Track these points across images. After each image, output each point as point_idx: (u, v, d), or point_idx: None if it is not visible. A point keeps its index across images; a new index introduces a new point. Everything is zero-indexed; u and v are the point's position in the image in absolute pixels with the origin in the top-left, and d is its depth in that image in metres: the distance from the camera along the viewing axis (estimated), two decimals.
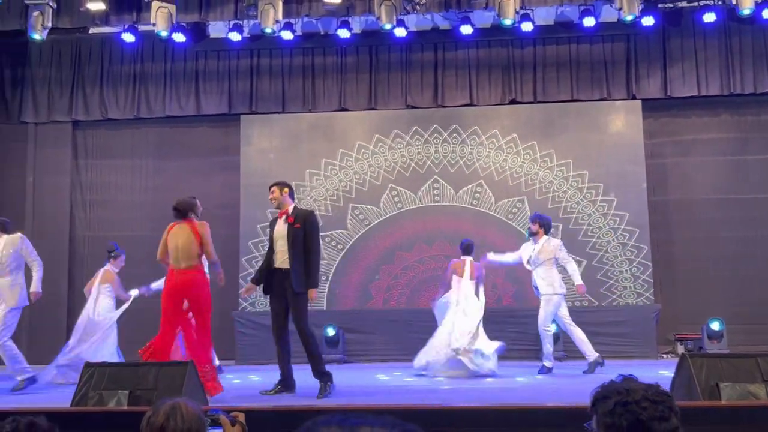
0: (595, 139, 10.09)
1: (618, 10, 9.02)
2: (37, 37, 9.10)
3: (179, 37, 9.73)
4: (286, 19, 9.39)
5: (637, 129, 9.96)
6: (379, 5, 9.00)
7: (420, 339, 7.96)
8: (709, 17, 9.42)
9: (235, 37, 9.84)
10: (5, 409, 4.78)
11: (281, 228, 6.13)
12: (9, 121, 10.71)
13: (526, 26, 9.38)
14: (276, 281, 6.10)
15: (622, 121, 10.10)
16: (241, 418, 2.52)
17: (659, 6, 9.53)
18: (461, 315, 7.48)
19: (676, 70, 9.95)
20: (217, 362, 7.65)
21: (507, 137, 10.13)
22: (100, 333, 7.51)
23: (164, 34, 9.16)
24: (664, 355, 9.47)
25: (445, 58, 10.31)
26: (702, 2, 9.66)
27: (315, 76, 10.43)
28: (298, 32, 9.95)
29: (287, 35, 9.64)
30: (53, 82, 10.64)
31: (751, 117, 10.08)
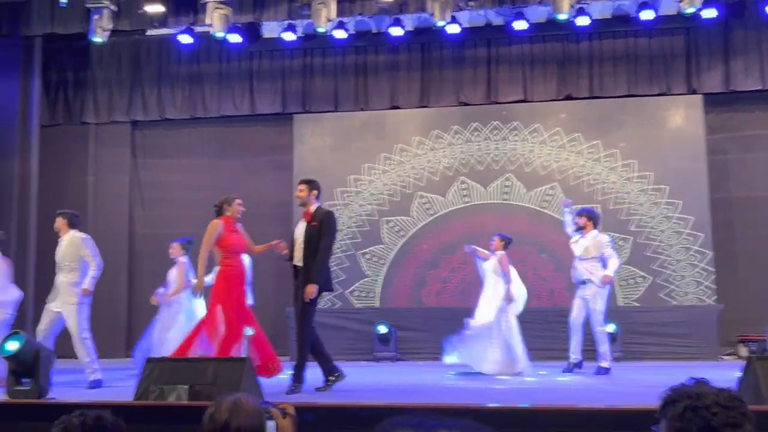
0: (654, 135, 9.86)
1: (678, 3, 8.78)
2: (98, 39, 9.34)
3: (234, 38, 9.87)
4: (339, 18, 9.43)
5: (697, 124, 9.69)
6: (433, 2, 8.96)
7: None
8: None
9: (288, 36, 9.92)
10: (70, 402, 4.92)
11: (301, 226, 6.23)
12: (71, 122, 11.03)
13: (582, 20, 9.21)
14: (295, 279, 6.21)
15: (681, 116, 9.84)
16: (291, 410, 2.52)
17: None
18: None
19: (739, 63, 9.64)
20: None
21: (562, 134, 9.97)
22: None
23: (220, 35, 9.30)
24: (725, 357, 9.20)
25: (498, 53, 10.21)
26: None
27: (367, 75, 10.46)
28: (351, 31, 9.98)
29: (340, 34, 9.68)
30: (113, 83, 10.93)
31: None
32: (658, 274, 9.50)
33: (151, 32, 10.47)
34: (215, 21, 9.08)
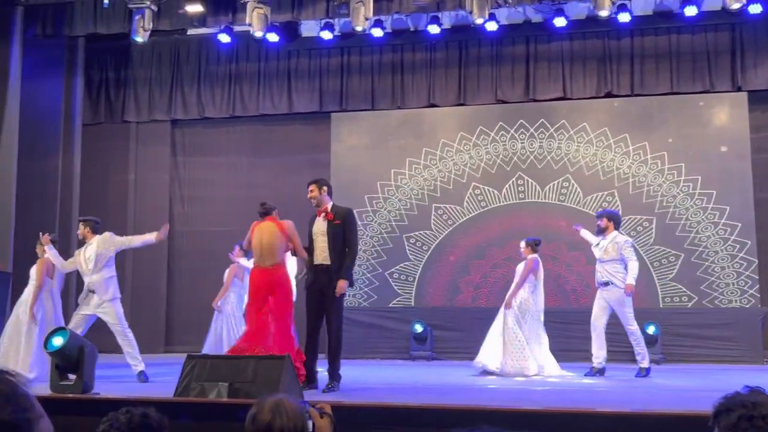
0: (697, 133, 9.67)
1: None
2: (139, 39, 9.48)
3: (273, 37, 9.94)
4: (376, 17, 9.42)
5: (742, 122, 9.48)
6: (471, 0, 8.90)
7: None
8: None
9: (326, 35, 9.95)
10: (114, 397, 5.00)
11: (320, 225, 6.17)
12: (113, 121, 11.22)
13: (623, 17, 9.08)
14: (314, 278, 6.11)
15: (726, 114, 9.63)
16: (328, 409, 2.52)
17: None
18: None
19: None
20: None
21: (602, 131, 9.84)
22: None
23: (259, 34, 9.36)
24: None
25: (537, 51, 10.11)
26: None
27: (404, 73, 10.45)
28: (388, 29, 9.98)
29: (377, 32, 9.68)
30: (153, 82, 11.08)
31: None
32: (697, 267, 9.32)
33: (190, 32, 10.61)
34: (254, 20, 9.14)
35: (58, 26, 9.98)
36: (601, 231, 7.62)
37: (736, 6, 8.51)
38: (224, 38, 10.07)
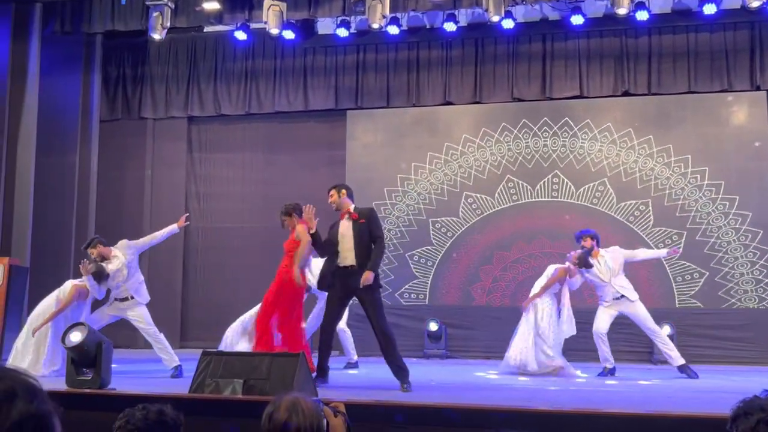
0: (715, 132, 9.58)
1: None
2: (156, 36, 9.53)
3: (289, 35, 9.96)
4: (392, 14, 9.40)
5: (762, 122, 9.39)
6: None
7: None
8: None
9: (342, 33, 9.95)
10: (131, 393, 5.04)
11: (346, 226, 6.17)
12: (130, 117, 11.29)
13: (641, 15, 9.01)
14: (339, 280, 6.11)
15: (745, 113, 9.54)
16: (342, 408, 2.53)
17: None
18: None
19: None
20: (355, 358, 8.06)
21: (620, 131, 9.77)
22: None
23: (275, 31, 9.37)
24: None
25: (553, 48, 10.04)
26: None
27: (419, 70, 10.42)
28: (404, 27, 9.96)
29: (393, 30, 9.66)
30: (170, 79, 11.13)
31: None
32: (717, 272, 9.25)
33: (207, 29, 10.64)
34: (270, 18, 9.16)
35: (77, 23, 10.04)
36: (589, 251, 7.60)
37: (755, 4, 8.43)
38: (241, 35, 10.10)
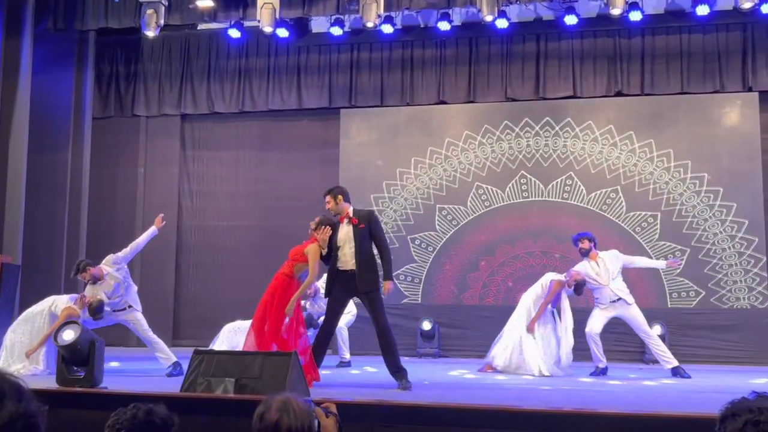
0: (707, 133, 9.62)
1: None
2: (150, 34, 9.50)
3: (283, 33, 9.95)
4: (386, 13, 9.40)
5: (753, 123, 9.43)
6: None
7: None
8: None
9: (336, 31, 9.94)
10: (122, 392, 5.03)
11: (345, 230, 6.12)
12: (122, 114, 11.25)
13: (635, 15, 9.03)
14: (339, 283, 6.09)
15: (737, 114, 9.58)
16: (334, 408, 2.53)
17: None
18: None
19: None
20: (347, 357, 8.14)
21: (613, 131, 9.80)
22: None
23: (269, 29, 9.36)
24: None
25: (547, 48, 10.07)
26: None
27: (413, 69, 10.42)
28: (398, 26, 9.96)
29: (387, 29, 9.66)
30: (163, 77, 11.10)
31: None
32: (705, 268, 9.30)
33: (201, 27, 10.64)
34: (264, 16, 9.15)
35: (70, 20, 10.00)
36: (585, 253, 7.61)
37: (747, 5, 8.46)
38: (234, 33, 10.08)
